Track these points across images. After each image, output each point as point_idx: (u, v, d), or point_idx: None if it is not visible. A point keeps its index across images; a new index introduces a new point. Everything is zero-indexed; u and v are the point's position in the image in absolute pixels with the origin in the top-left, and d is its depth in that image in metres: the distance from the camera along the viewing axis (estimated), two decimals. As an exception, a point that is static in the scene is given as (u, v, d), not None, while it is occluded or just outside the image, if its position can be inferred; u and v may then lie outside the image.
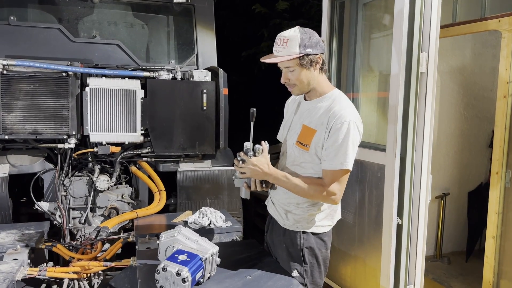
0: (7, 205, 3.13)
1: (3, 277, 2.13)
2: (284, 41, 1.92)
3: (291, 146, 2.11)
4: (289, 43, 1.91)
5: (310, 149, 2.01)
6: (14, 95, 3.15)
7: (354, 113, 1.99)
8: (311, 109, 2.06)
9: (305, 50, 1.92)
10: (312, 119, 2.03)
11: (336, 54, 3.63)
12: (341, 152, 1.91)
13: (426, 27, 2.70)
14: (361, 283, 3.26)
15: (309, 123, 2.04)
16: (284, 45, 1.92)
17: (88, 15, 3.89)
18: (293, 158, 2.09)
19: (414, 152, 2.77)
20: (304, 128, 2.05)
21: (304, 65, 1.95)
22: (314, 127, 2.01)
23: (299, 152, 2.05)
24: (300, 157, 2.06)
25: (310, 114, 2.05)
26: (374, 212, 3.04)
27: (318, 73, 2.02)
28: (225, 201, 3.63)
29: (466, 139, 4.48)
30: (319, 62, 1.99)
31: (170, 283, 1.73)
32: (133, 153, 3.53)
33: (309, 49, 1.92)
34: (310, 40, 1.93)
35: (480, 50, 4.41)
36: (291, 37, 1.91)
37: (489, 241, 3.26)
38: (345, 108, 1.97)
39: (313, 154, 2.01)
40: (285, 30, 1.96)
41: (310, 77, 2.00)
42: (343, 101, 2.02)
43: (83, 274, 2.50)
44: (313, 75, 2.00)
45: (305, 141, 2.03)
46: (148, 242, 2.62)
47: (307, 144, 2.01)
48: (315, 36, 1.96)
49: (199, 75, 3.59)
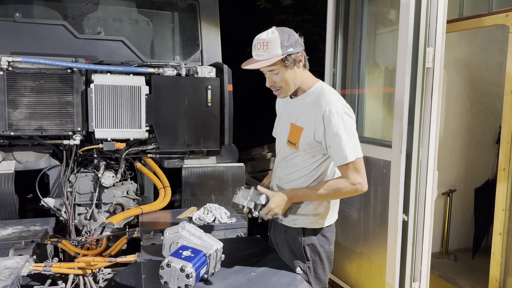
0: (13, 201, 3.15)
1: (8, 272, 2.14)
2: (264, 44, 1.87)
3: (282, 145, 2.11)
4: (269, 46, 1.87)
5: (300, 148, 2.00)
6: (20, 91, 3.16)
7: (339, 103, 1.95)
8: (297, 106, 2.05)
9: (287, 50, 1.89)
10: (299, 116, 2.02)
11: (341, 49, 3.61)
12: (341, 147, 1.90)
13: (433, 22, 2.68)
14: (366, 280, 3.25)
15: (296, 121, 2.03)
16: (265, 49, 1.87)
17: (93, 11, 3.90)
18: (285, 156, 2.10)
19: (420, 148, 2.75)
20: (292, 127, 2.04)
21: (288, 66, 1.92)
22: (301, 125, 1.99)
23: (290, 150, 2.05)
24: (291, 155, 2.06)
25: (297, 111, 2.04)
26: (380, 208, 3.03)
27: (302, 70, 2.00)
28: (230, 198, 3.61)
29: (472, 135, 4.45)
30: (302, 60, 1.97)
31: (174, 279, 1.73)
32: (138, 150, 3.53)
33: (290, 49, 1.89)
34: (289, 39, 1.90)
35: (487, 45, 4.36)
36: (270, 39, 1.87)
37: (496, 238, 3.23)
38: (330, 101, 1.94)
39: (302, 152, 2.01)
40: (261, 33, 1.91)
41: (294, 76, 1.97)
42: (327, 93, 1.99)
43: (88, 270, 2.50)
44: (297, 74, 1.97)
45: (294, 139, 2.02)
46: (153, 238, 2.62)
47: (296, 142, 2.01)
48: (293, 35, 1.93)
49: (203, 71, 3.59)
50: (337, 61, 3.63)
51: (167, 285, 1.74)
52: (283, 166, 2.11)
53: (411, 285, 2.87)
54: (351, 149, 1.90)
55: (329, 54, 3.65)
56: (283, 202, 1.97)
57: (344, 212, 3.35)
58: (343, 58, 3.63)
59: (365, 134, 3.55)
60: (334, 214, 2.15)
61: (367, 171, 2.58)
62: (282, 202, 1.97)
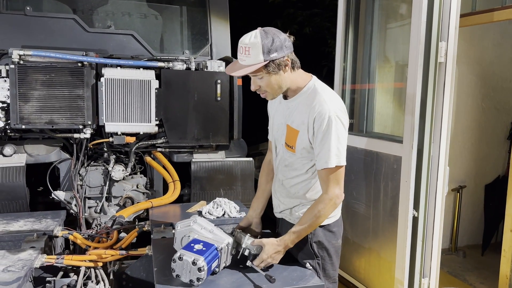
0: (24, 194, 3.18)
1: (22, 264, 2.17)
2: (246, 49, 1.77)
3: (281, 148, 2.07)
4: (251, 51, 1.77)
5: (296, 151, 1.96)
6: (31, 85, 3.17)
7: (333, 105, 1.87)
8: (291, 108, 1.99)
9: (269, 56, 1.78)
10: (294, 118, 1.96)
11: (352, 43, 3.59)
12: (324, 150, 1.84)
13: (446, 16, 2.65)
14: (375, 276, 3.25)
15: (292, 123, 1.97)
16: (247, 54, 1.78)
17: (103, 5, 3.90)
18: (283, 159, 2.06)
19: (431, 143, 2.74)
20: (288, 129, 1.99)
21: (272, 72, 1.82)
22: (297, 128, 1.94)
23: (288, 154, 2.02)
24: (289, 158, 2.02)
25: (291, 113, 1.98)
26: (390, 204, 3.01)
27: (290, 73, 1.90)
28: (239, 192, 3.63)
29: (483, 131, 4.41)
30: (288, 64, 1.85)
31: (186, 272, 1.74)
32: (147, 144, 3.54)
33: (274, 54, 1.78)
34: (273, 43, 1.77)
35: (499, 40, 4.32)
36: (252, 45, 1.76)
37: (507, 234, 3.21)
38: (323, 102, 1.86)
39: (299, 156, 1.97)
40: (245, 35, 1.80)
41: (280, 81, 1.87)
42: (320, 94, 1.90)
43: (99, 263, 2.52)
44: (283, 78, 1.88)
45: (290, 142, 1.98)
46: (163, 231, 2.63)
47: (292, 145, 1.97)
48: (278, 37, 1.80)
49: (213, 65, 3.58)
50: (347, 56, 3.61)
51: (179, 278, 1.76)
52: (284, 170, 2.07)
53: (420, 281, 2.86)
54: (334, 155, 1.84)
55: (339, 48, 3.63)
56: (276, 253, 1.92)
57: (353, 208, 3.34)
58: (353, 52, 3.61)
59: (375, 129, 3.54)
60: (337, 210, 2.13)
61: (377, 166, 2.57)
62: (278, 252, 1.92)
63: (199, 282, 1.73)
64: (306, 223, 1.92)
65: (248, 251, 1.93)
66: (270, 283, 1.81)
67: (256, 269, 1.89)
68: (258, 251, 1.91)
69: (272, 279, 1.81)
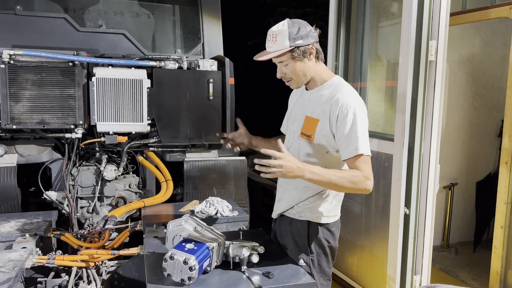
0: (15, 195, 3.16)
1: (12, 265, 2.15)
2: (273, 36, 1.90)
3: (295, 139, 2.08)
4: (278, 38, 1.89)
5: (315, 139, 1.98)
6: (21, 85, 3.15)
7: (357, 99, 1.95)
8: (312, 99, 2.04)
9: (295, 42, 1.89)
10: (314, 108, 2.01)
11: (343, 42, 3.60)
12: (353, 138, 1.88)
13: (436, 14, 2.67)
14: (367, 273, 3.27)
15: (312, 113, 2.01)
16: (274, 40, 1.90)
17: (94, 4, 3.88)
18: (297, 151, 2.06)
19: (422, 141, 2.76)
20: (307, 119, 2.03)
21: (296, 58, 1.93)
22: (317, 117, 1.98)
23: (304, 144, 2.03)
24: (305, 149, 2.03)
25: (312, 103, 2.03)
26: (381, 202, 3.03)
27: (314, 62, 1.99)
28: (232, 191, 3.63)
29: (474, 128, 4.45)
30: (313, 52, 1.95)
31: (177, 271, 1.73)
32: (140, 143, 3.53)
33: (299, 41, 1.89)
34: (299, 31, 1.90)
35: (489, 38, 4.35)
36: (279, 32, 1.89)
37: (498, 231, 3.24)
38: (347, 94, 1.94)
39: (317, 145, 1.99)
40: (275, 25, 1.93)
41: (305, 68, 1.97)
42: (345, 87, 1.98)
43: (91, 263, 2.52)
44: (308, 66, 1.97)
45: (308, 131, 2.00)
46: (155, 231, 2.63)
47: (311, 134, 1.99)
48: (305, 27, 1.93)
49: (205, 64, 3.57)
50: (339, 54, 3.62)
51: (170, 278, 1.75)
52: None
53: (412, 278, 2.88)
54: (363, 143, 1.88)
55: (331, 47, 3.64)
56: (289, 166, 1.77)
57: (346, 206, 3.34)
58: (345, 51, 3.62)
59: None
60: (338, 210, 2.15)
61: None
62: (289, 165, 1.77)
63: (190, 281, 1.73)
64: (333, 174, 1.86)
65: (238, 257, 1.89)
66: (269, 278, 1.81)
67: (252, 271, 1.88)
68: (255, 261, 1.88)
69: (270, 274, 1.82)
